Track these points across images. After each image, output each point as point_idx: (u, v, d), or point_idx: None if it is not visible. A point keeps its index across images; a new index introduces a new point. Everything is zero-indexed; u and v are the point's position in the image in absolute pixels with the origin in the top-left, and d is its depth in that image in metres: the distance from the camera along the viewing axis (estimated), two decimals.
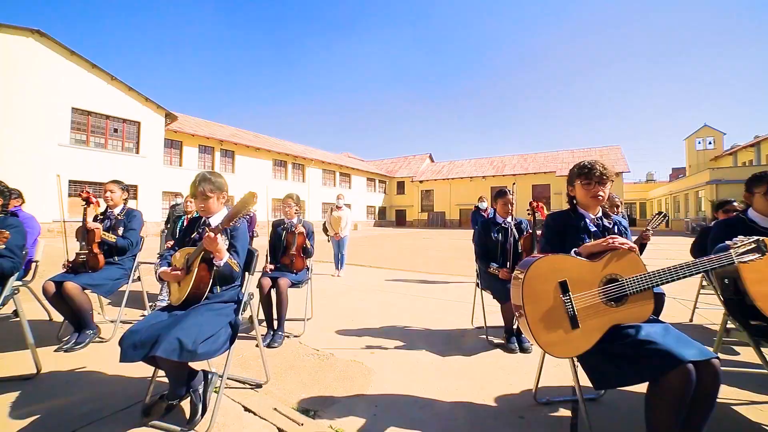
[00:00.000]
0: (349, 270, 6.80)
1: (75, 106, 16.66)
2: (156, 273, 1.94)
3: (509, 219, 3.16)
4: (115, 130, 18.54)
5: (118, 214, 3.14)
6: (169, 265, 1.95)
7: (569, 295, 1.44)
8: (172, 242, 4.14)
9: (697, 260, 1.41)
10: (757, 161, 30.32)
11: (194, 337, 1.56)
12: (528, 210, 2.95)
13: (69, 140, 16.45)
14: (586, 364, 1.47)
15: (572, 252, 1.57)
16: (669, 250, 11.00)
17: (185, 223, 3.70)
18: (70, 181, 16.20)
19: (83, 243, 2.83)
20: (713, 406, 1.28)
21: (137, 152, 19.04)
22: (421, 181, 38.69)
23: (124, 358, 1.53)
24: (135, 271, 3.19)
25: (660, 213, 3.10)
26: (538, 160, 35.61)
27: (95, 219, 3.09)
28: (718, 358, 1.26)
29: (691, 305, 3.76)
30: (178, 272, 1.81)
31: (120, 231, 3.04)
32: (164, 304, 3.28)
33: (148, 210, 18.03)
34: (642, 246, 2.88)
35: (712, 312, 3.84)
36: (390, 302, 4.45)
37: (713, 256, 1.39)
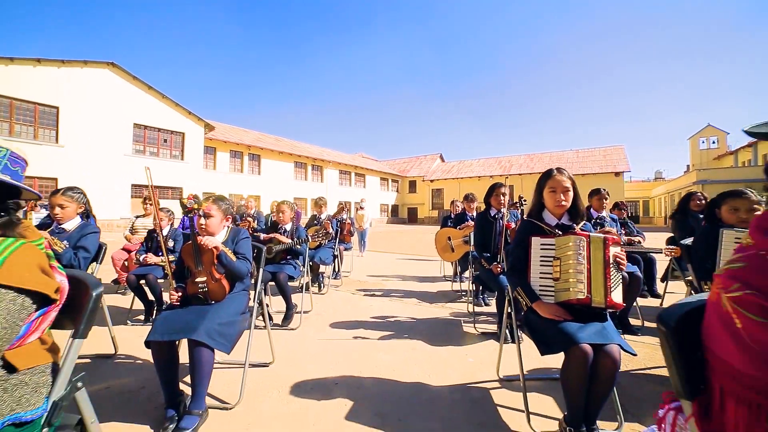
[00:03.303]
0: (368, 254, 9.64)
1: (135, 122, 19.94)
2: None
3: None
4: (165, 141, 21.77)
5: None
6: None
7: (451, 241, 4.22)
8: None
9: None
10: (754, 161, 31.35)
11: (322, 257, 4.40)
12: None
13: (131, 151, 19.74)
14: (459, 264, 4.27)
15: (458, 227, 4.35)
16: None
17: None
18: (132, 185, 19.54)
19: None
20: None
21: (182, 159, 22.24)
22: (431, 181, 40.35)
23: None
24: None
25: None
26: (544, 160, 36.78)
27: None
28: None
29: None
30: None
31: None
32: None
33: None
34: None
35: None
36: (396, 266, 7.37)
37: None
